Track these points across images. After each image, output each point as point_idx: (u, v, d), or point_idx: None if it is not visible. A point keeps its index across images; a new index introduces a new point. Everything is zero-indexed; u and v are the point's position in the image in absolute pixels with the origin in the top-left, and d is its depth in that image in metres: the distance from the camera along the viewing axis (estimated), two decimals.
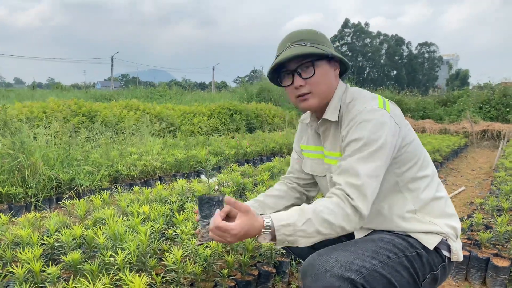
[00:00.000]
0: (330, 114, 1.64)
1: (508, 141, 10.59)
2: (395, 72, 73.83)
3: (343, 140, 1.55)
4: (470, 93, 18.31)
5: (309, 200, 2.03)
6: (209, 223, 1.64)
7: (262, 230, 1.40)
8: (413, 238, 1.58)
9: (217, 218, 1.43)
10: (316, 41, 1.60)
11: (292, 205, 1.95)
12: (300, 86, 1.61)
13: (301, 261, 2.72)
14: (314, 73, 1.58)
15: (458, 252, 1.61)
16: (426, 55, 76.02)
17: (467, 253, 2.78)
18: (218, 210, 1.63)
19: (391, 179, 1.57)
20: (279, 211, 1.90)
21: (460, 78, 65.01)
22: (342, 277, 1.38)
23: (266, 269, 2.45)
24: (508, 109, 15.37)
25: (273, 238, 1.42)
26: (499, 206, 3.67)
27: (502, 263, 2.65)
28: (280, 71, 1.66)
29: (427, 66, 75.31)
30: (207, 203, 1.63)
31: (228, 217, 1.72)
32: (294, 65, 1.59)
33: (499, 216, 3.17)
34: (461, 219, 3.41)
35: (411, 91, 23.22)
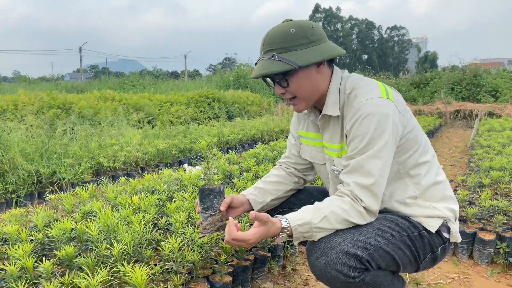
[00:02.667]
0: (331, 109, 1.61)
1: (480, 119, 10.91)
2: (366, 56, 74.73)
3: (348, 135, 1.53)
4: (442, 75, 18.72)
5: (306, 184, 2.04)
6: (211, 215, 1.63)
7: (280, 232, 1.46)
8: (415, 220, 1.60)
9: (232, 230, 1.45)
10: (287, 48, 1.50)
11: (291, 190, 1.95)
12: (282, 93, 1.61)
13: (295, 244, 2.75)
14: (288, 85, 1.56)
15: (457, 234, 1.66)
16: (396, 38, 77.20)
17: None
18: (220, 201, 1.64)
19: (393, 167, 1.57)
20: (279, 197, 1.91)
21: (429, 61, 66.38)
22: (349, 253, 1.40)
23: (262, 253, 2.46)
24: (478, 89, 15.81)
25: (290, 236, 1.47)
26: (480, 183, 3.78)
27: (488, 236, 2.74)
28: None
29: (397, 50, 76.55)
30: (209, 195, 1.62)
31: (230, 207, 1.73)
32: (272, 76, 1.58)
33: (481, 192, 3.27)
34: None
35: (386, 74, 23.57)
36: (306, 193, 1.99)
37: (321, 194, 1.94)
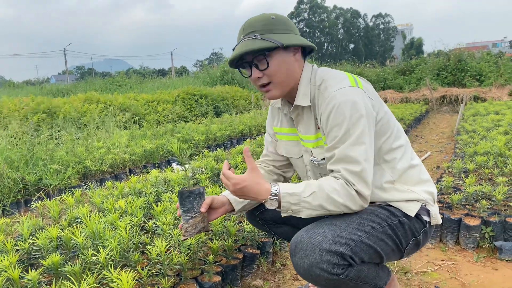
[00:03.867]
0: (301, 99, 1.64)
1: (465, 104, 11.01)
2: (352, 46, 74.82)
3: (325, 126, 1.55)
4: (427, 61, 18.83)
5: (286, 181, 2.04)
6: (192, 217, 1.63)
7: (269, 196, 1.49)
8: (394, 207, 1.62)
9: (225, 165, 1.61)
10: (269, 30, 1.56)
11: None
12: (258, 77, 1.61)
13: (284, 240, 2.76)
14: (268, 65, 1.58)
15: (437, 216, 1.69)
16: (382, 26, 77.34)
17: (440, 216, 2.89)
18: (200, 203, 1.65)
19: None
20: None
21: (415, 47, 66.74)
22: (331, 251, 1.42)
23: (251, 251, 2.47)
24: (463, 74, 15.95)
25: (279, 206, 1.50)
26: (465, 168, 3.83)
27: (473, 222, 2.78)
28: (239, 64, 1.66)
29: (383, 37, 76.74)
30: (188, 197, 1.62)
31: (211, 208, 1.75)
32: (250, 57, 1.59)
33: (466, 177, 3.31)
34: None
35: (371, 63, 23.65)
36: None
37: None
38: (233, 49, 1.64)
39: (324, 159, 1.62)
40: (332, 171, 1.54)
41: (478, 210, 2.90)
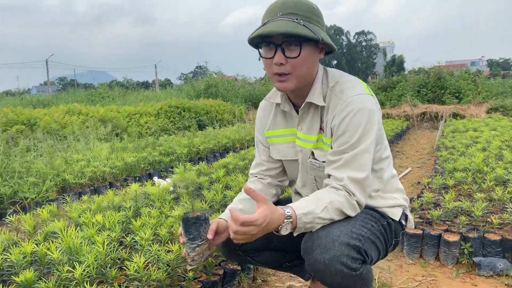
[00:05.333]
0: (317, 98, 1.60)
1: (445, 121, 11.23)
2: (335, 62, 75.84)
3: (336, 129, 1.54)
4: (408, 78, 19.20)
5: (283, 193, 2.01)
6: (199, 245, 1.52)
7: (284, 220, 1.42)
8: (380, 211, 1.68)
9: (237, 215, 1.37)
10: (310, 19, 1.48)
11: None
12: (281, 64, 1.50)
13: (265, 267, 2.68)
14: (299, 55, 1.48)
15: (412, 221, 1.81)
16: (364, 43, 78.69)
17: (420, 232, 2.91)
18: (207, 229, 1.53)
19: None
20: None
21: (397, 64, 67.98)
22: (349, 244, 1.42)
23: (231, 267, 2.43)
24: (443, 91, 16.29)
25: (294, 228, 1.45)
26: (445, 184, 3.88)
27: (452, 238, 2.80)
28: (263, 41, 1.52)
29: (365, 54, 78.03)
30: (194, 224, 1.51)
31: (216, 233, 1.62)
32: (280, 39, 1.47)
33: (446, 193, 3.35)
34: (412, 199, 3.57)
35: None
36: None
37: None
38: (264, 23, 1.49)
39: (324, 161, 1.62)
40: (329, 176, 1.55)
41: (458, 226, 2.93)
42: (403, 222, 1.74)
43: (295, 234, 1.49)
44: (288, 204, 1.47)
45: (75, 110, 9.71)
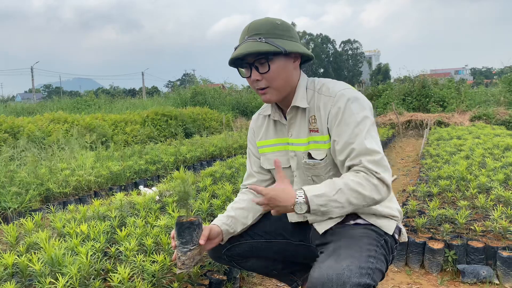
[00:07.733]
0: (300, 101, 1.69)
1: (430, 129, 11.38)
2: (322, 70, 76.45)
3: (333, 122, 1.60)
4: (393, 86, 19.45)
5: None
6: (190, 249, 1.54)
7: (296, 199, 1.45)
8: (376, 226, 1.66)
9: (255, 186, 1.52)
10: (274, 34, 1.60)
11: (261, 214, 1.91)
12: (257, 80, 1.64)
13: (253, 272, 2.62)
14: (269, 69, 1.61)
15: (405, 234, 1.78)
16: (350, 52, 79.48)
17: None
18: (199, 234, 1.57)
19: None
20: (248, 224, 1.86)
21: (382, 72, 68.95)
22: (360, 285, 1.37)
23: (217, 277, 2.42)
24: (427, 99, 16.52)
25: (308, 211, 1.46)
26: (429, 192, 3.92)
27: (437, 245, 2.83)
28: (240, 63, 1.67)
29: (351, 63, 78.80)
30: (188, 228, 1.53)
31: (208, 239, 1.65)
32: (251, 59, 1.61)
33: (430, 201, 3.39)
34: None
35: None
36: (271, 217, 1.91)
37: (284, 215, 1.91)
38: (235, 48, 1.65)
39: (322, 159, 1.65)
40: (349, 168, 1.56)
41: (442, 234, 2.96)
42: (396, 236, 1.72)
43: (310, 219, 1.54)
44: (301, 187, 1.52)
45: (60, 118, 9.58)
